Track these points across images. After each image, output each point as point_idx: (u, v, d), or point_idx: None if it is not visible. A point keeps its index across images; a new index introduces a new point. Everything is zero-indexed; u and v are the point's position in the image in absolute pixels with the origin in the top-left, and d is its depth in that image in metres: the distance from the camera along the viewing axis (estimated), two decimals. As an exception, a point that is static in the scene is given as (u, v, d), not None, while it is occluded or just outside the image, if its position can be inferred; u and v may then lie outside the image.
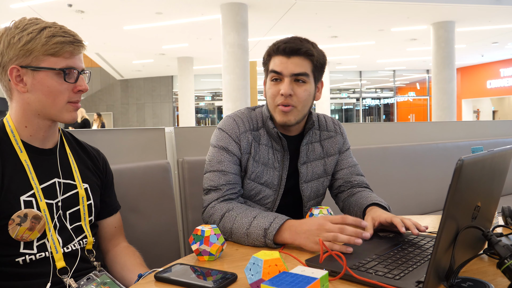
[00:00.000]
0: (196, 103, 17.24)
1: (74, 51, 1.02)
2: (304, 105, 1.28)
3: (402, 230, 1.06)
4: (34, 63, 0.99)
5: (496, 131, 3.20)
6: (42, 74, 1.00)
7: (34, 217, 0.99)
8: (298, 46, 1.24)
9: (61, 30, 1.01)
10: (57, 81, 1.01)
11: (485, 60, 16.85)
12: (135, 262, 1.18)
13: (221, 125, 1.33)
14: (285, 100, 1.25)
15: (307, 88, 1.27)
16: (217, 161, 1.27)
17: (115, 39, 12.07)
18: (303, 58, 1.25)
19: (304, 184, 1.37)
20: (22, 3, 8.52)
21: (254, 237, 1.07)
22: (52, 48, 0.99)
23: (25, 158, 1.02)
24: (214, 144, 1.31)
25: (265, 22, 10.07)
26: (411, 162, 2.49)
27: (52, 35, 0.99)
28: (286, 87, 1.24)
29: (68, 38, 1.01)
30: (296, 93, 1.25)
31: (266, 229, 1.06)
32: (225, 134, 1.29)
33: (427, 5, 9.02)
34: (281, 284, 0.62)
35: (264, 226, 1.07)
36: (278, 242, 1.06)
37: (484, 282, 0.76)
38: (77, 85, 1.04)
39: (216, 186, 1.24)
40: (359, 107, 20.40)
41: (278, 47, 1.26)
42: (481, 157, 0.74)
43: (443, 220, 0.66)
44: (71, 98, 1.04)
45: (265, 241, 1.05)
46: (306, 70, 1.26)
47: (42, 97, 1.01)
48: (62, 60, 1.01)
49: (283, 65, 1.25)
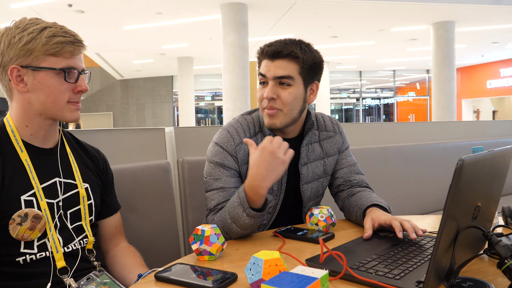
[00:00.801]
0: (196, 103, 17.23)
1: (75, 51, 1.02)
2: (290, 108, 1.27)
3: (399, 235, 1.05)
4: (35, 63, 0.99)
5: (496, 131, 3.20)
6: (43, 74, 1.00)
7: (35, 217, 0.99)
8: (280, 49, 1.23)
9: (61, 30, 1.01)
10: (58, 81, 1.01)
11: (485, 60, 16.84)
12: (135, 262, 1.18)
13: (216, 138, 1.32)
14: (268, 104, 1.25)
15: (291, 91, 1.25)
16: (214, 179, 1.27)
17: (115, 39, 12.07)
18: (288, 61, 1.24)
19: (305, 185, 1.37)
20: (22, 3, 8.52)
21: (237, 217, 1.12)
22: (53, 48, 0.99)
23: (26, 157, 1.02)
24: (210, 159, 1.30)
25: (265, 22, 10.07)
26: (411, 162, 2.49)
27: (52, 35, 0.99)
28: (268, 90, 1.25)
29: (69, 38, 1.01)
30: (280, 96, 1.25)
31: (240, 204, 1.11)
32: (220, 149, 1.29)
33: (427, 5, 9.02)
34: (281, 284, 0.62)
35: (236, 203, 1.13)
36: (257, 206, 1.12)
37: (484, 282, 0.76)
38: (77, 85, 1.04)
39: (217, 205, 1.24)
40: (359, 107, 20.39)
41: (263, 50, 1.27)
42: (482, 157, 0.74)
43: (443, 220, 0.66)
44: (72, 98, 1.05)
45: (245, 212, 1.11)
46: (290, 73, 1.24)
47: (43, 97, 1.01)
48: (63, 60, 1.01)
49: (266, 68, 1.26)
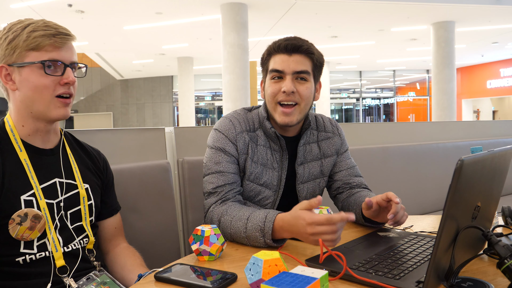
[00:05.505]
0: (196, 103, 17.23)
1: (56, 43, 1.01)
2: (307, 103, 1.28)
3: (396, 200, 1.07)
4: (19, 60, 1.00)
5: (496, 131, 3.20)
6: (27, 70, 1.00)
7: (34, 217, 0.99)
8: (300, 44, 1.24)
9: (43, 24, 1.01)
10: (40, 75, 1.00)
11: (485, 60, 16.84)
12: (135, 263, 1.18)
13: (217, 126, 1.32)
14: (287, 97, 1.24)
15: (308, 86, 1.27)
16: (214, 162, 1.26)
17: (115, 39, 12.06)
18: (304, 56, 1.25)
19: (301, 185, 1.37)
20: (22, 3, 8.51)
21: (253, 239, 1.07)
22: (33, 42, 0.99)
23: (25, 157, 1.02)
24: (211, 145, 1.30)
25: (265, 22, 10.07)
26: (411, 162, 2.49)
27: (33, 30, 0.99)
28: (289, 83, 1.23)
29: (49, 31, 1.00)
30: (299, 90, 1.25)
31: (262, 230, 1.05)
32: (221, 135, 1.28)
33: (427, 5, 9.02)
34: (281, 284, 0.62)
35: (259, 227, 1.06)
36: (277, 238, 1.06)
37: (484, 282, 0.76)
38: (63, 77, 1.02)
39: (215, 188, 1.23)
40: (359, 107, 20.39)
41: (280, 45, 1.25)
42: (481, 157, 0.74)
43: (443, 220, 0.66)
44: (58, 91, 1.02)
45: (265, 241, 1.05)
46: (307, 68, 1.25)
47: (29, 93, 1.01)
48: (44, 54, 1.00)
49: (284, 63, 1.24)
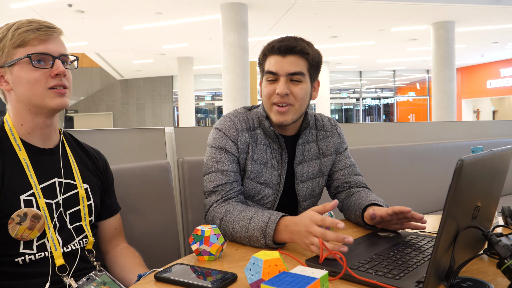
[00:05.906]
0: (196, 103, 17.23)
1: (41, 36, 1.01)
2: (301, 104, 1.28)
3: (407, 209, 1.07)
4: (9, 59, 1.00)
5: (496, 131, 3.20)
6: (17, 68, 1.01)
7: (34, 216, 0.99)
8: (293, 45, 1.24)
9: (27, 21, 1.02)
10: (30, 69, 1.01)
11: (485, 60, 16.84)
12: (135, 263, 1.18)
13: (218, 124, 1.32)
14: (281, 99, 1.24)
15: (303, 87, 1.26)
16: (215, 161, 1.26)
17: (115, 39, 12.06)
18: (298, 57, 1.25)
19: (300, 184, 1.37)
20: (22, 3, 8.51)
21: (254, 239, 1.07)
22: (18, 39, 1.00)
23: (24, 156, 1.02)
24: (211, 144, 1.30)
25: (265, 22, 10.07)
26: (411, 162, 2.49)
27: (17, 28, 1.00)
28: (282, 86, 1.23)
29: (33, 25, 1.01)
30: (293, 92, 1.25)
31: (263, 231, 1.05)
32: (222, 134, 1.29)
33: (427, 5, 9.02)
34: (281, 284, 0.62)
35: (261, 227, 1.06)
36: (278, 241, 1.06)
37: (484, 282, 0.76)
38: (53, 69, 1.02)
39: (216, 187, 1.23)
40: (359, 107, 20.38)
41: (273, 46, 1.25)
42: (481, 157, 0.74)
43: (443, 220, 0.66)
44: (50, 83, 1.02)
45: (265, 242, 1.05)
46: (301, 69, 1.25)
47: (23, 90, 1.01)
48: (31, 48, 1.01)
49: (278, 65, 1.24)
